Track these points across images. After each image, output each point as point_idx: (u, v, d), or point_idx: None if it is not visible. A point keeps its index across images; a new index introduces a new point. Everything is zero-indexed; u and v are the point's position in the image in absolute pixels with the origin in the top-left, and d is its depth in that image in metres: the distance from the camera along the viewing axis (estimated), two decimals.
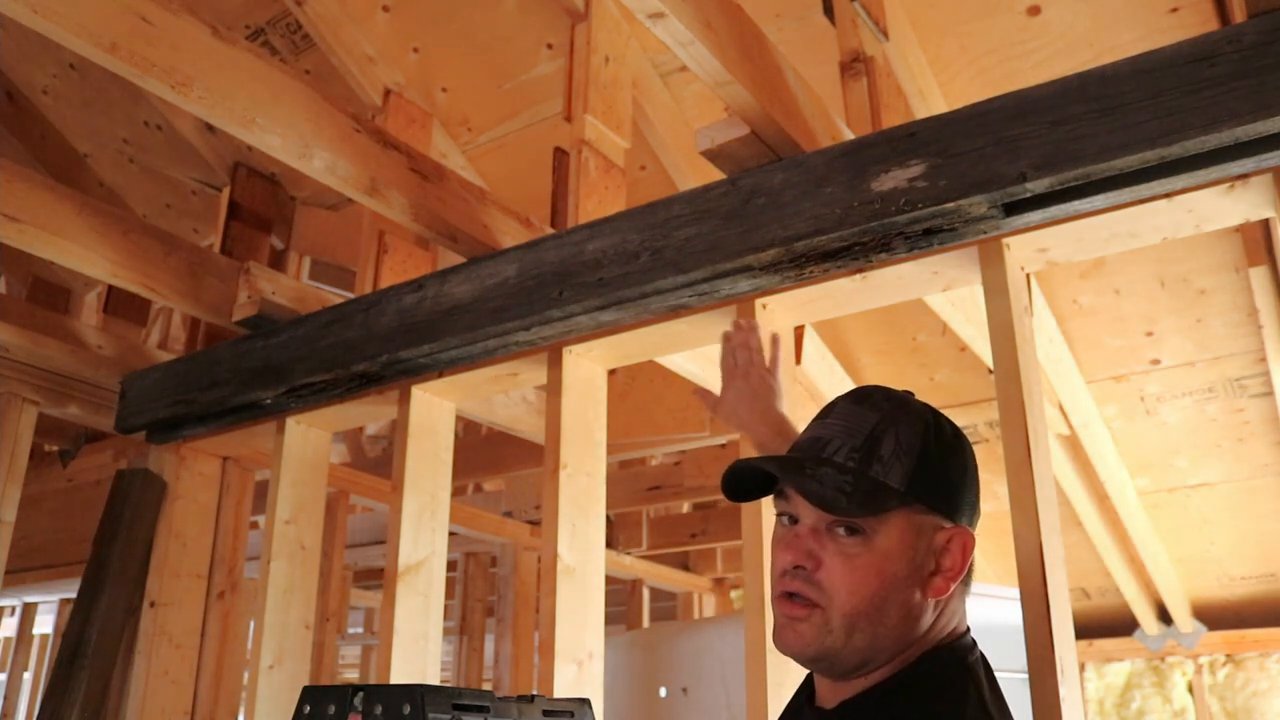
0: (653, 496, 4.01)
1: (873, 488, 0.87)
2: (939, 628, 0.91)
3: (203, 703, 2.49)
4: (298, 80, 1.79)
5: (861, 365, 3.39)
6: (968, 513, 0.93)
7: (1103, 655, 5.08)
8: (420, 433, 2.08)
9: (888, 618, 0.87)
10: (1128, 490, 3.82)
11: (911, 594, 0.88)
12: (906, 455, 0.89)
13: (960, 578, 0.90)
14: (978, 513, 0.95)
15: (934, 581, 0.89)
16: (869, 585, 0.87)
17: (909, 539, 0.88)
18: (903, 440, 0.89)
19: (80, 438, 2.97)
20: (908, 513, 0.88)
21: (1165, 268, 2.86)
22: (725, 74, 1.56)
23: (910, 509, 0.88)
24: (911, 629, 0.89)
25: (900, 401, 0.94)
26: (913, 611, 0.88)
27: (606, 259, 1.77)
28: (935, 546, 0.89)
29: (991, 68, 2.48)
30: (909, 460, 0.89)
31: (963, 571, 0.90)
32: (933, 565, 0.89)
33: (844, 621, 0.87)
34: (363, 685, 0.96)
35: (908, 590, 0.88)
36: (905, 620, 0.88)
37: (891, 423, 0.91)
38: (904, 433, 0.90)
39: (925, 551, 0.89)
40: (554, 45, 2.72)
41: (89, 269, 2.16)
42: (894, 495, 0.88)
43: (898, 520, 0.88)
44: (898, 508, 0.88)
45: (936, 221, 1.48)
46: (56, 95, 3.20)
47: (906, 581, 0.88)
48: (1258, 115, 1.23)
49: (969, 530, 0.91)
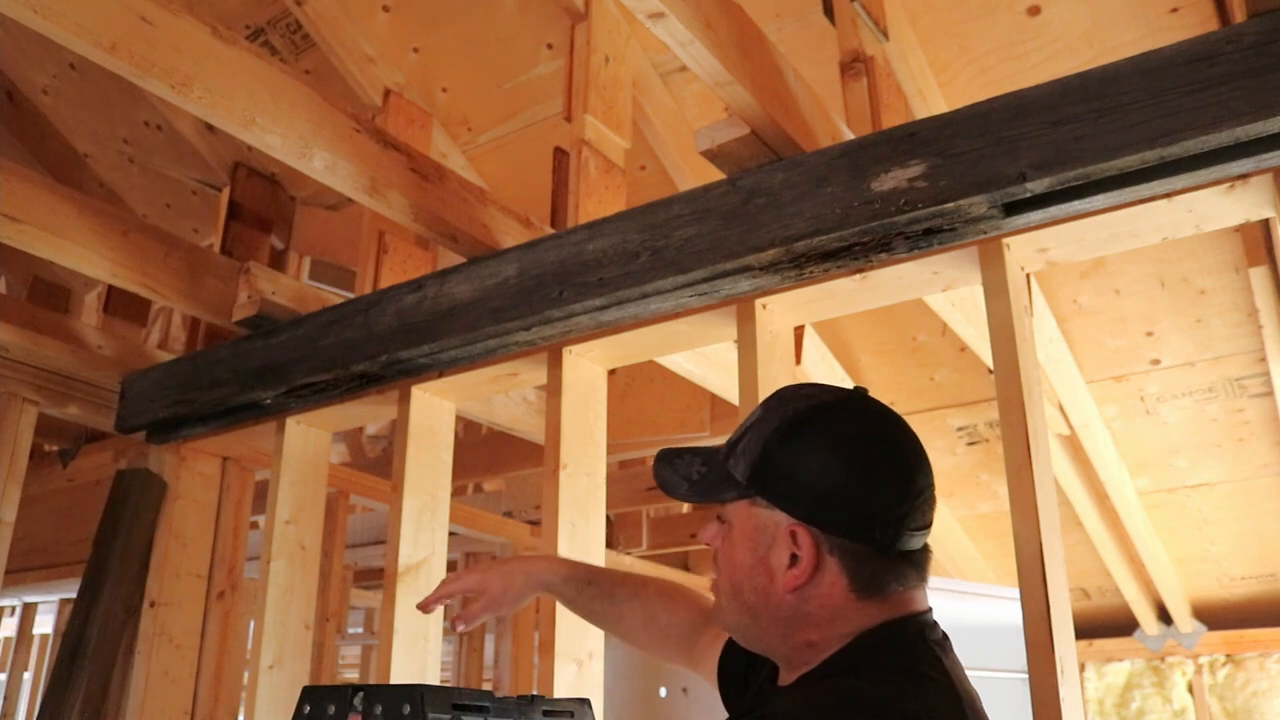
0: (653, 496, 4.01)
1: (720, 478, 0.95)
2: (868, 616, 0.89)
3: (203, 703, 2.49)
4: (298, 80, 1.79)
5: (861, 365, 3.39)
6: (829, 513, 0.88)
7: (1103, 655, 5.08)
8: (420, 433, 2.08)
9: (746, 599, 0.93)
10: (1128, 490, 3.82)
11: (762, 580, 0.91)
12: (753, 449, 0.93)
13: (809, 574, 0.88)
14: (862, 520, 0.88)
15: (790, 573, 0.89)
16: (727, 569, 0.95)
17: (749, 529, 0.93)
18: (755, 436, 0.94)
19: (80, 438, 2.97)
20: (749, 504, 0.93)
21: (1165, 268, 2.86)
22: (725, 74, 1.56)
23: (752, 501, 0.92)
24: (790, 615, 0.90)
25: (782, 399, 0.96)
26: (774, 598, 0.90)
27: (606, 259, 1.77)
28: (779, 539, 0.90)
29: (991, 68, 2.48)
30: (753, 454, 0.92)
31: (810, 568, 0.88)
32: (785, 559, 0.89)
33: (724, 600, 0.96)
34: (363, 685, 0.96)
35: (757, 577, 0.91)
36: (769, 605, 0.91)
37: (760, 419, 0.95)
38: (761, 429, 0.93)
39: (770, 543, 0.91)
40: (554, 45, 2.72)
41: (89, 269, 2.16)
42: (734, 486, 0.93)
43: (740, 510, 0.94)
44: (737, 499, 0.94)
45: (936, 221, 1.48)
46: (56, 95, 3.20)
47: (753, 569, 0.92)
48: (1258, 115, 1.23)
49: (805, 527, 0.88)
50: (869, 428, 0.94)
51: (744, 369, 1.69)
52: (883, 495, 0.89)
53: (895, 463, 0.92)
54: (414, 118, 2.78)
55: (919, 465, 0.93)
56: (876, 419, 0.95)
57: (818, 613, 0.90)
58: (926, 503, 0.92)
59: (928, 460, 0.94)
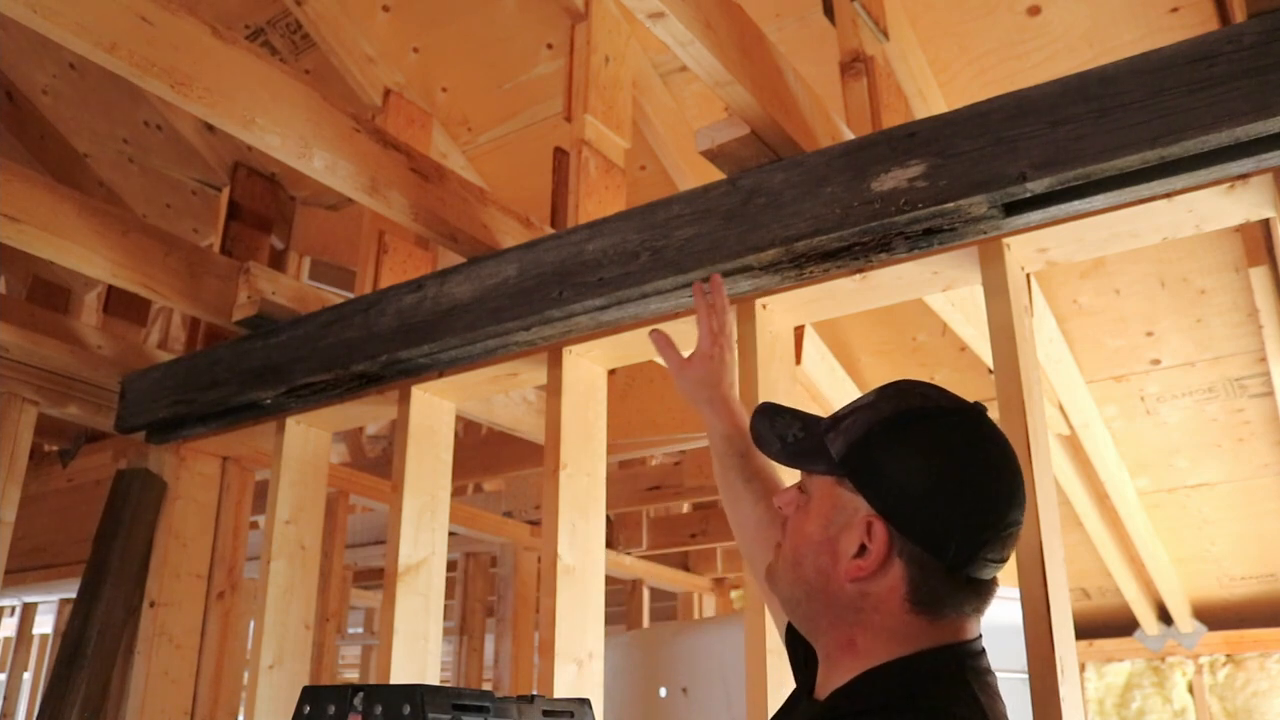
0: (653, 496, 4.01)
1: (815, 448, 0.94)
2: (916, 633, 0.88)
3: (203, 703, 2.49)
4: (298, 80, 1.79)
5: (861, 365, 3.39)
6: (909, 516, 0.86)
7: (1103, 655, 5.08)
8: (420, 433, 2.08)
9: (804, 573, 0.92)
10: (1128, 490, 3.82)
11: (825, 560, 0.90)
12: (856, 431, 0.91)
13: (873, 569, 0.87)
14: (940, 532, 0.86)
15: (854, 561, 0.88)
16: (794, 538, 0.95)
17: (826, 507, 0.92)
18: (861, 419, 0.92)
19: (80, 438, 2.97)
20: (834, 483, 0.92)
21: (1165, 268, 2.86)
22: (725, 74, 1.56)
23: (839, 481, 0.91)
24: (843, 606, 0.89)
25: (900, 391, 0.95)
26: (833, 583, 0.90)
27: (606, 259, 1.77)
28: (853, 525, 0.89)
29: (991, 68, 2.48)
30: (854, 435, 0.91)
31: (876, 563, 0.86)
32: (854, 546, 0.88)
33: (783, 567, 0.96)
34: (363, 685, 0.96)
35: (821, 555, 0.91)
36: (826, 588, 0.90)
37: (871, 403, 0.94)
38: (870, 414, 0.92)
39: (843, 526, 0.90)
40: (554, 45, 2.72)
41: (89, 269, 2.16)
42: (826, 460, 0.92)
43: (825, 485, 0.93)
44: (825, 473, 0.92)
45: (936, 221, 1.48)
46: (56, 95, 3.20)
47: (819, 546, 0.91)
48: (1258, 115, 1.23)
49: (883, 522, 0.87)
50: (976, 446, 0.90)
51: (744, 369, 1.69)
52: (969, 516, 0.87)
53: (991, 488, 0.88)
54: (414, 118, 2.78)
55: (1015, 498, 0.89)
56: (987, 439, 0.91)
57: (870, 614, 0.88)
58: (1011, 537, 0.89)
59: (1024, 496, 0.91)
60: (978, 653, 0.90)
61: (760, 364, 1.68)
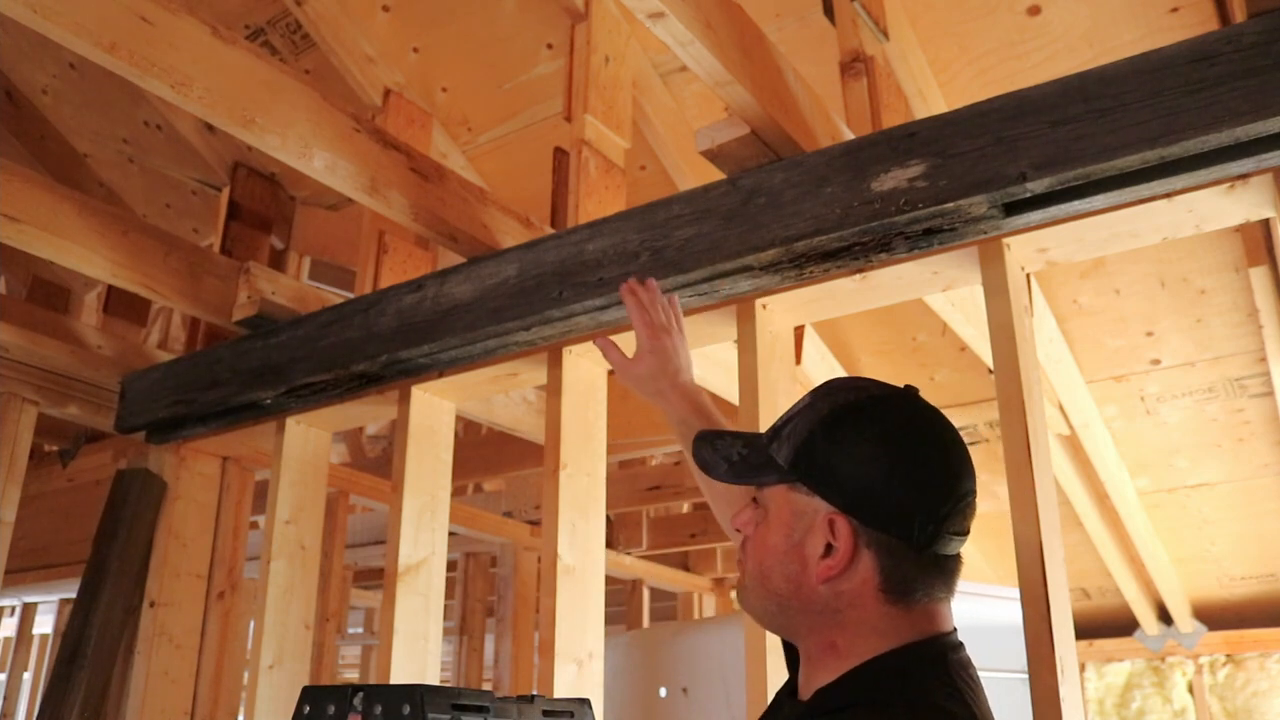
0: (653, 496, 4.01)
1: (761, 461, 0.95)
2: (894, 625, 0.89)
3: (203, 703, 2.49)
4: (298, 80, 1.79)
5: (861, 365, 3.39)
6: (871, 505, 0.88)
7: (1103, 655, 5.08)
8: (420, 433, 2.08)
9: (774, 585, 0.92)
10: (1128, 490, 3.82)
11: (794, 568, 0.91)
12: (798, 435, 0.92)
13: (843, 565, 0.87)
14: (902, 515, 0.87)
15: (823, 562, 0.89)
16: (757, 554, 0.95)
17: (785, 515, 0.92)
18: (801, 422, 0.93)
19: (80, 438, 2.97)
20: (788, 490, 0.92)
21: (1165, 268, 2.86)
22: (725, 74, 1.56)
23: (793, 488, 0.92)
24: (820, 608, 0.90)
25: (831, 389, 0.96)
26: (805, 588, 0.90)
27: (606, 259, 1.77)
28: (815, 527, 0.89)
29: (991, 68, 2.48)
30: (798, 440, 0.92)
31: (845, 559, 0.87)
32: (820, 547, 0.89)
33: (750, 585, 0.96)
34: (363, 685, 0.96)
35: (789, 564, 0.91)
36: (799, 595, 0.91)
37: (808, 405, 0.94)
38: (808, 416, 0.93)
39: (806, 530, 0.90)
40: (554, 45, 2.72)
41: (89, 269, 2.16)
42: (775, 470, 0.93)
43: (779, 495, 0.93)
44: (777, 483, 0.93)
45: (936, 221, 1.48)
46: (56, 95, 3.20)
47: (786, 556, 0.91)
48: (1258, 115, 1.23)
49: (845, 517, 0.88)
50: (919, 425, 0.93)
51: (744, 369, 1.69)
52: (926, 493, 0.88)
53: (942, 463, 0.90)
54: (414, 118, 2.78)
55: (964, 469, 0.91)
56: (927, 418, 0.94)
57: (846, 612, 0.89)
58: (969, 508, 0.91)
59: (973, 466, 0.92)
60: (957, 645, 0.91)
61: (760, 364, 1.68)
